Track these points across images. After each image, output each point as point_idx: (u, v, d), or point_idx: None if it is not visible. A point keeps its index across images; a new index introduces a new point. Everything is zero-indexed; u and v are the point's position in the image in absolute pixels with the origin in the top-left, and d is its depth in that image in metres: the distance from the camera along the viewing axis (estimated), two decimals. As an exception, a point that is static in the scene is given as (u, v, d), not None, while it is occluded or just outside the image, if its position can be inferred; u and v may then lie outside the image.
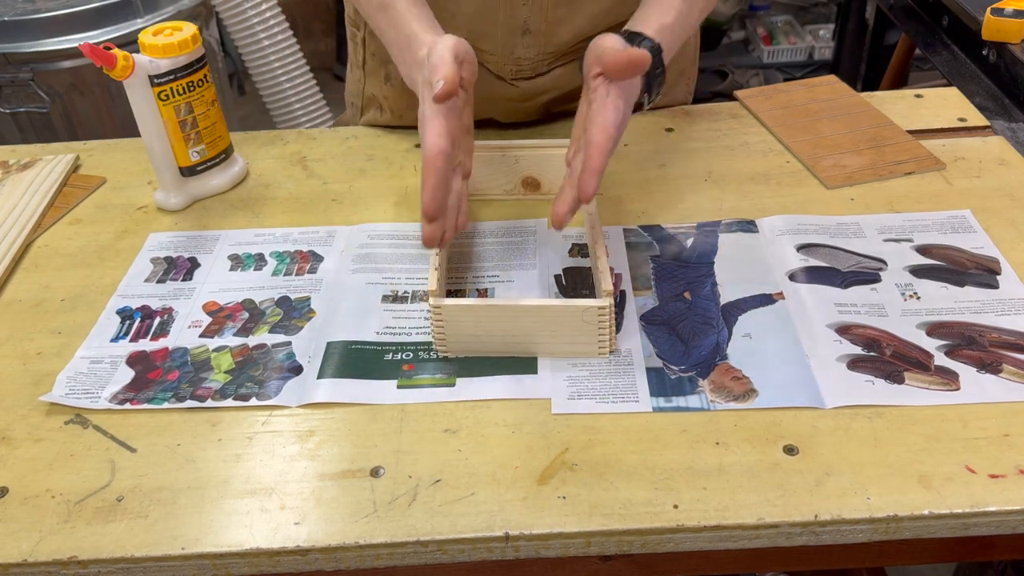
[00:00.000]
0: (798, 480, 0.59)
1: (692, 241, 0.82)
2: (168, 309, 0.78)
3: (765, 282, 0.76)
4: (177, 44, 0.84)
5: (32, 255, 0.86)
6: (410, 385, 0.68)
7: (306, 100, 2.25)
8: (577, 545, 0.58)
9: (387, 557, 0.58)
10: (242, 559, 0.57)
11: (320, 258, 0.83)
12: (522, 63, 0.94)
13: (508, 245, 0.83)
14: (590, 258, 0.79)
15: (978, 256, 0.78)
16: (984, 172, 0.89)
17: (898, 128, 0.96)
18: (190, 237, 0.87)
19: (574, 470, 0.61)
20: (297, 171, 0.97)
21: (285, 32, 2.17)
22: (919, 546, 0.62)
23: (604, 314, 0.67)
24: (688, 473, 0.60)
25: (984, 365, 0.67)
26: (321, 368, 0.70)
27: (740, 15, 2.91)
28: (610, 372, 0.68)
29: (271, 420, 0.66)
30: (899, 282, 0.75)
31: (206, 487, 0.61)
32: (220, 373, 0.70)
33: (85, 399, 0.68)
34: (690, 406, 0.65)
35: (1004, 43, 1.11)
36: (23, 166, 0.98)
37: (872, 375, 0.66)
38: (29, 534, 0.58)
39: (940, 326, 0.71)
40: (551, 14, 0.89)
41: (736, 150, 0.96)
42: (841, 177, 0.89)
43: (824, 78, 1.09)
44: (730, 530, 0.57)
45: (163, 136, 0.87)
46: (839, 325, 0.71)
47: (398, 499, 0.60)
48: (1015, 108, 1.06)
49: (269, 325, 0.75)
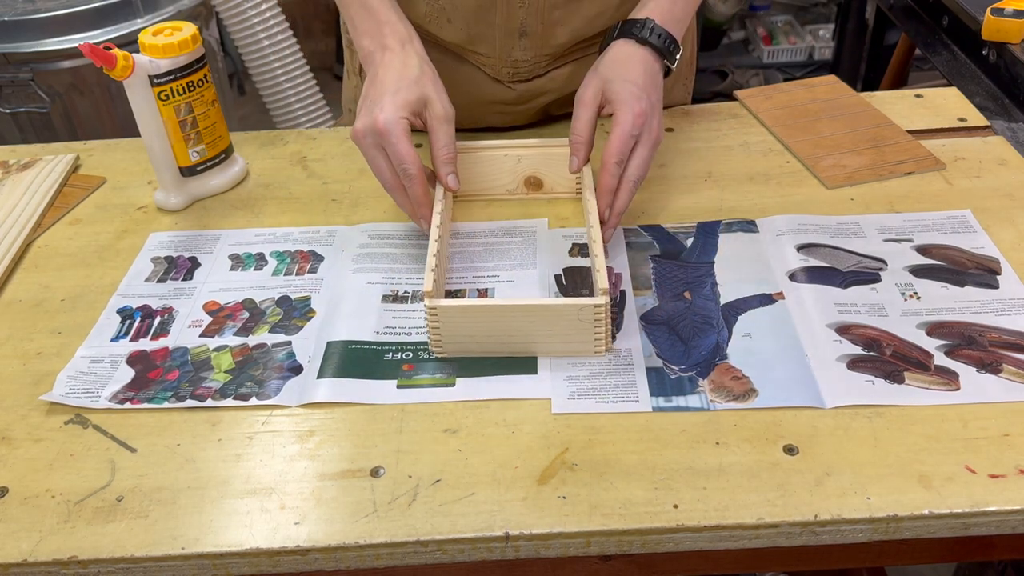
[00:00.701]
0: (798, 480, 0.59)
1: (692, 241, 0.82)
2: (168, 309, 0.78)
3: (765, 282, 0.76)
4: (177, 44, 0.84)
5: (32, 255, 0.86)
6: (410, 385, 0.68)
7: (306, 100, 2.25)
8: (577, 545, 0.58)
9: (387, 557, 0.58)
10: (242, 559, 0.57)
11: (320, 258, 0.83)
12: (519, 65, 0.94)
13: (509, 245, 0.83)
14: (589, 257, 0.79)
15: (978, 256, 0.78)
16: (984, 172, 0.89)
17: (898, 128, 0.96)
18: (191, 237, 0.87)
19: (574, 470, 0.61)
20: (297, 171, 0.97)
21: (285, 32, 2.17)
22: (919, 546, 0.62)
23: (600, 312, 0.67)
24: (688, 473, 0.60)
25: (984, 365, 0.67)
26: (321, 368, 0.70)
27: (740, 15, 2.91)
28: (610, 372, 0.68)
29: (271, 420, 0.66)
30: (899, 282, 0.75)
31: (206, 487, 0.61)
32: (220, 373, 0.70)
33: (85, 398, 0.68)
34: (690, 406, 0.65)
35: (1004, 43, 1.11)
36: (23, 166, 0.98)
37: (872, 375, 0.66)
38: (29, 534, 0.58)
39: (940, 326, 0.71)
40: (548, 16, 0.89)
41: (736, 150, 0.96)
42: (841, 177, 0.89)
43: (824, 78, 1.09)
44: (730, 530, 0.57)
45: (163, 136, 0.87)
46: (839, 325, 0.71)
47: (398, 499, 0.60)
48: (1015, 108, 1.06)
49: (269, 325, 0.75)
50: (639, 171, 0.79)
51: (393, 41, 0.80)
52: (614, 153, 0.77)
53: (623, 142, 0.77)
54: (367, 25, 0.81)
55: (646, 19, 0.82)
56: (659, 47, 0.81)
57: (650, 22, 0.82)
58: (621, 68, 0.81)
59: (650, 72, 0.81)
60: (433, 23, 0.92)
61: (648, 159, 0.79)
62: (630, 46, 0.82)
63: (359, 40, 0.82)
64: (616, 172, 0.77)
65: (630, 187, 0.78)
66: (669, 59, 0.83)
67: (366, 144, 0.76)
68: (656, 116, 0.80)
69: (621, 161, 0.77)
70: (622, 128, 0.77)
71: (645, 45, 0.81)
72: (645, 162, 0.79)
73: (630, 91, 0.78)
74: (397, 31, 0.81)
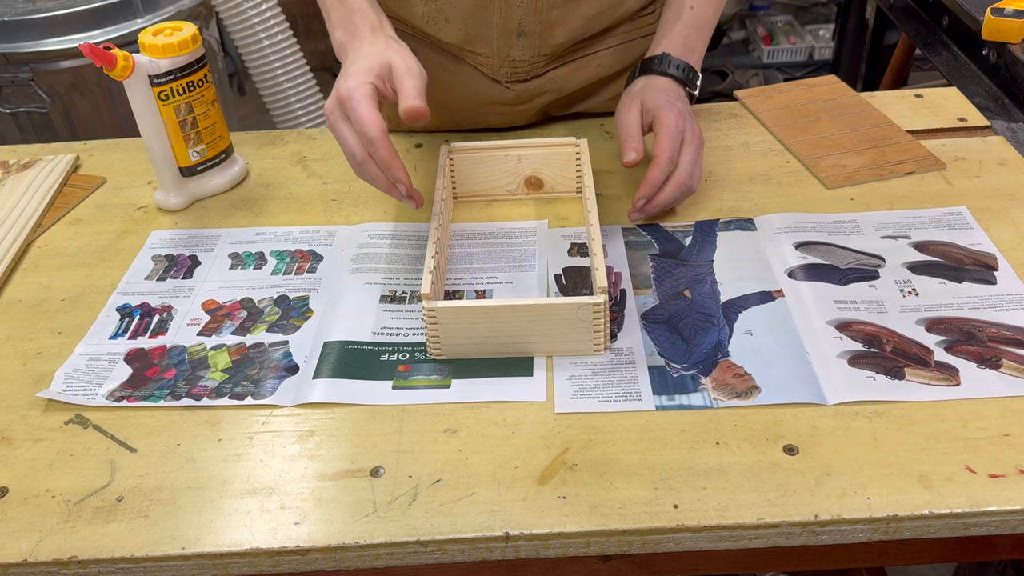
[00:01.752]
0: (798, 480, 0.59)
1: (691, 240, 0.82)
2: (167, 307, 0.78)
3: (765, 280, 0.76)
4: (177, 44, 0.84)
5: (32, 255, 0.86)
6: (405, 386, 0.68)
7: (306, 100, 2.25)
8: (577, 545, 0.58)
9: (387, 557, 0.58)
10: (242, 559, 0.57)
11: (320, 257, 0.83)
12: (517, 65, 0.94)
13: (508, 246, 0.83)
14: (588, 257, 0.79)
15: (975, 252, 0.78)
16: (984, 172, 0.89)
17: (898, 128, 0.96)
18: (192, 235, 0.87)
19: (574, 470, 0.61)
20: (297, 171, 0.97)
21: (285, 32, 2.17)
22: (919, 546, 0.62)
23: (599, 311, 0.67)
24: (688, 473, 0.60)
25: (983, 360, 0.67)
26: (317, 368, 0.70)
27: (740, 15, 2.91)
28: (612, 371, 0.68)
29: (271, 420, 0.66)
30: (898, 279, 0.75)
31: (206, 487, 0.61)
32: (217, 372, 0.70)
33: (83, 396, 0.68)
34: (693, 404, 0.65)
35: (1004, 43, 1.11)
36: (23, 166, 0.98)
37: (873, 371, 0.66)
38: (29, 534, 0.58)
39: (939, 322, 0.71)
40: (546, 16, 0.89)
41: (736, 150, 0.96)
42: (841, 177, 0.89)
43: (824, 78, 1.09)
44: (730, 530, 0.57)
45: (163, 136, 0.87)
46: (839, 322, 0.71)
47: (398, 499, 0.60)
48: (1015, 108, 1.06)
49: (267, 324, 0.75)
50: (688, 169, 0.81)
51: (364, 29, 0.78)
52: (665, 148, 0.80)
53: (672, 138, 0.80)
54: (339, 15, 0.80)
55: (663, 54, 0.86)
56: (680, 78, 0.86)
57: (667, 56, 0.86)
58: (651, 87, 0.85)
59: (677, 92, 0.85)
60: (431, 24, 0.92)
61: (696, 159, 0.82)
62: (652, 79, 0.86)
63: (333, 32, 0.81)
64: (666, 168, 0.80)
65: (676, 185, 0.81)
66: (691, 86, 0.87)
67: (334, 119, 0.73)
68: (693, 120, 0.83)
69: (672, 158, 0.80)
70: (667, 127, 0.80)
71: (666, 76, 0.86)
72: (693, 162, 0.81)
73: (665, 99, 0.83)
74: (368, 18, 0.79)
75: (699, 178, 0.83)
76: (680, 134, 0.81)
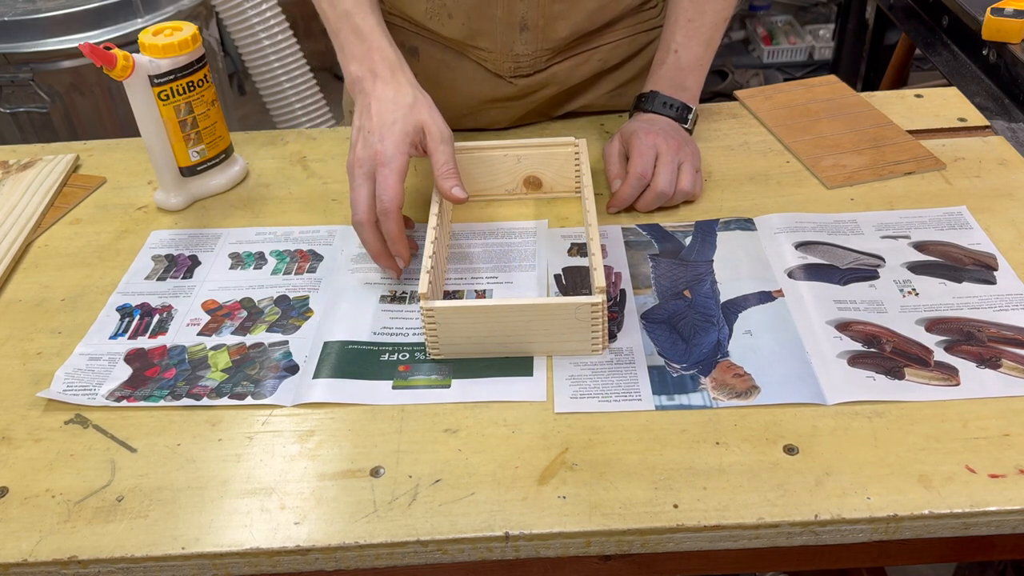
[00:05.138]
0: (798, 480, 0.59)
1: (690, 239, 0.82)
2: (167, 307, 0.78)
3: (764, 280, 0.76)
4: (177, 44, 0.84)
5: (32, 255, 0.86)
6: (405, 386, 0.68)
7: (306, 100, 2.25)
8: (577, 545, 0.58)
9: (387, 557, 0.58)
10: (242, 559, 0.57)
11: (320, 257, 0.83)
12: (520, 60, 0.94)
13: (508, 246, 0.83)
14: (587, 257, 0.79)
15: (975, 252, 0.78)
16: (984, 172, 0.89)
17: (898, 128, 0.96)
18: (192, 235, 0.87)
19: (574, 470, 0.61)
20: (297, 171, 0.97)
21: (285, 32, 2.17)
22: (919, 546, 0.62)
23: (597, 311, 0.67)
24: (688, 473, 0.60)
25: (983, 360, 0.67)
26: (317, 368, 0.70)
27: (740, 15, 2.92)
28: (612, 371, 0.68)
29: (271, 420, 0.66)
30: (897, 279, 0.75)
31: (206, 487, 0.61)
32: (217, 371, 0.70)
33: (83, 395, 0.68)
34: (692, 404, 0.65)
35: (1004, 43, 1.11)
36: (23, 166, 0.98)
37: (873, 371, 0.66)
38: (29, 534, 0.58)
39: (939, 322, 0.71)
40: (548, 9, 0.90)
41: (736, 150, 0.96)
42: (841, 177, 0.89)
43: (824, 78, 1.09)
44: (730, 530, 0.57)
45: (163, 136, 0.87)
46: (839, 322, 0.71)
47: (398, 499, 0.60)
48: (1015, 108, 1.06)
49: (267, 324, 0.75)
50: (666, 178, 0.83)
51: (383, 69, 0.79)
52: (635, 165, 0.84)
53: (641, 155, 0.84)
54: (356, 49, 0.80)
55: (651, 92, 0.90)
56: (668, 115, 0.89)
57: (655, 94, 0.89)
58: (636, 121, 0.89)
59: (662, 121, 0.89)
60: (434, 20, 0.92)
61: (672, 170, 0.84)
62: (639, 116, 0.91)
63: (347, 64, 0.81)
64: (637, 184, 0.84)
65: (653, 195, 0.84)
66: (682, 122, 0.89)
67: (359, 172, 0.75)
68: (674, 136, 0.86)
69: (643, 174, 0.83)
70: (637, 147, 0.85)
71: (653, 113, 0.89)
72: (671, 171, 0.84)
73: (640, 125, 0.87)
74: (387, 58, 0.79)
75: (700, 186, 0.86)
76: (652, 149, 0.84)
